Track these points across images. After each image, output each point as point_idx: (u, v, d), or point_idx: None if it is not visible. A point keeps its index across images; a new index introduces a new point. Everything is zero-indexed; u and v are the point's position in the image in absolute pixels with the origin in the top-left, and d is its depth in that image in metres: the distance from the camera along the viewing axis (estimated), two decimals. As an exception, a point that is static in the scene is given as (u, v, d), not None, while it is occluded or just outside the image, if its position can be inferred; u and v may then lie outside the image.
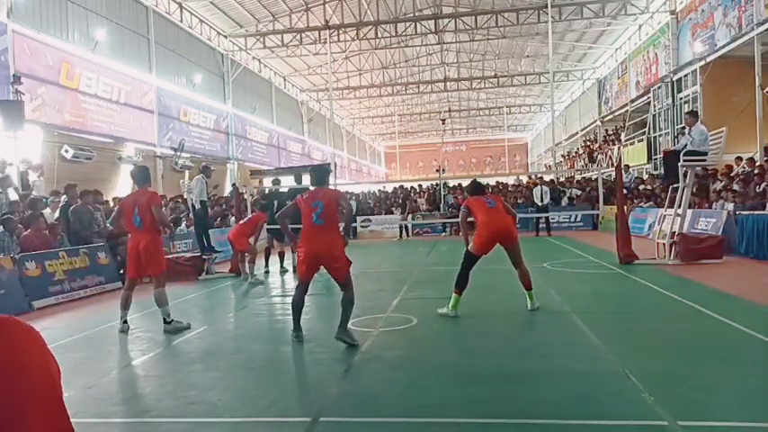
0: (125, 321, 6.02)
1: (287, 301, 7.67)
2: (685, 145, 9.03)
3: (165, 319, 5.93)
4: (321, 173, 5.48)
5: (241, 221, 10.05)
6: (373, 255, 13.14)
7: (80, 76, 15.80)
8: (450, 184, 22.71)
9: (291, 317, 5.23)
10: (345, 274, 5.06)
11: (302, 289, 5.23)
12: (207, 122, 23.85)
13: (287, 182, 13.15)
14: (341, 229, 5.33)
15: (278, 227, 10.88)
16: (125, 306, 6.04)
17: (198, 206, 10.45)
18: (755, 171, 12.15)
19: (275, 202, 11.11)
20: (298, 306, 5.20)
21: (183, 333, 5.79)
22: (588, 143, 32.94)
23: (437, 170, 30.72)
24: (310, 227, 5.04)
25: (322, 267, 5.22)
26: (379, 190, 24.53)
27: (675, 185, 9.46)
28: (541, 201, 17.08)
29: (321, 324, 6.18)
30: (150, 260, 5.95)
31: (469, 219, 6.30)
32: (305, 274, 5.15)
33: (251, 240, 9.80)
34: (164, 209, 15.12)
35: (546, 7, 22.58)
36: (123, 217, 6.14)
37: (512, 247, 6.09)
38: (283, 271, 10.87)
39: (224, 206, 17.33)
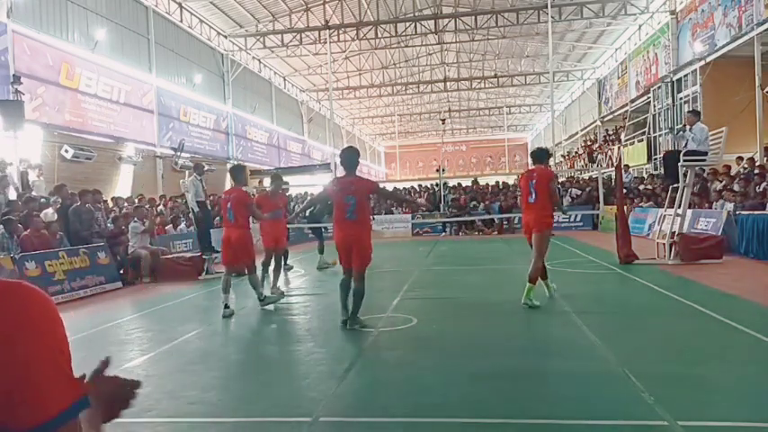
0: (227, 306, 6.53)
1: (287, 301, 7.68)
2: (686, 142, 9.02)
3: (258, 298, 6.78)
4: (350, 157, 5.57)
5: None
6: (373, 254, 13.11)
7: (80, 76, 15.80)
8: (450, 184, 22.71)
9: (339, 299, 5.64)
10: (361, 268, 5.50)
11: (348, 273, 5.61)
12: (207, 122, 23.85)
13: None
14: (402, 205, 5.87)
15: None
16: (226, 289, 6.60)
17: (196, 208, 10.41)
18: (756, 171, 12.16)
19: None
20: (345, 287, 5.61)
21: (185, 333, 5.78)
22: (588, 143, 32.94)
23: (437, 170, 30.71)
24: (343, 220, 5.46)
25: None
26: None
27: (675, 185, 9.46)
28: None
29: (321, 324, 6.19)
30: (240, 250, 6.62)
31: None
32: (344, 261, 5.60)
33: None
34: (165, 208, 15.15)
35: (546, 7, 22.56)
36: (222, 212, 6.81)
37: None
38: (288, 268, 10.76)
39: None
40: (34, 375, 0.72)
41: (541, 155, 6.66)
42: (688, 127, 9.14)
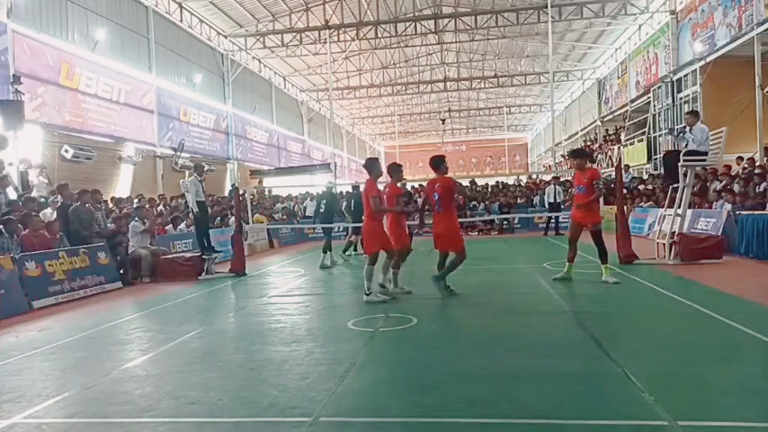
0: (367, 292, 7.00)
1: (287, 301, 7.69)
2: (687, 143, 9.02)
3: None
4: (437, 162, 7.08)
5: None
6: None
7: (80, 76, 15.80)
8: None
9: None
10: (458, 249, 6.91)
11: (443, 256, 7.07)
12: (207, 122, 23.85)
13: (287, 181, 13.34)
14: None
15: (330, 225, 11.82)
16: (367, 278, 7.00)
17: (196, 209, 10.41)
18: (756, 171, 12.15)
19: (323, 202, 11.82)
20: (440, 264, 7.07)
21: (185, 333, 5.78)
22: (588, 143, 32.94)
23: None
24: (435, 213, 6.93)
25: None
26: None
27: (675, 185, 9.46)
28: (554, 200, 16.87)
29: (321, 324, 6.19)
30: (368, 240, 7.11)
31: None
32: (438, 246, 7.02)
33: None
34: (165, 208, 15.14)
35: (546, 7, 22.58)
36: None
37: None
38: (347, 257, 12.23)
39: (224, 207, 17.33)
40: None
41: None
42: (688, 128, 9.14)
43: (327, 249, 11.21)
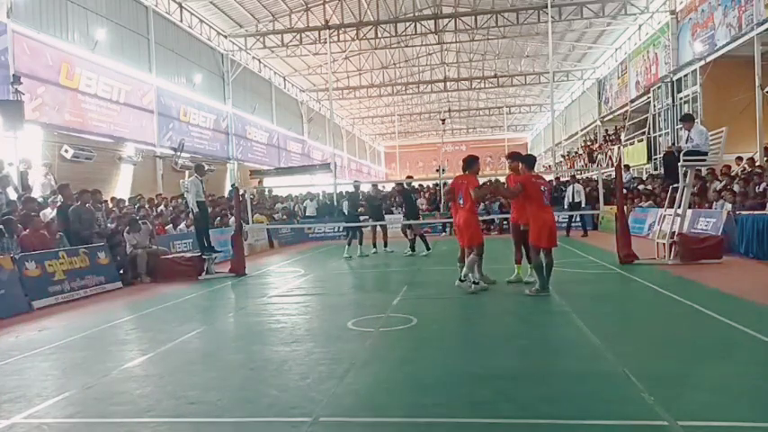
0: (475, 282, 7.22)
1: (287, 301, 7.69)
2: (685, 146, 9.02)
3: (460, 278, 7.43)
4: (531, 159, 7.56)
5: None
6: (373, 254, 13.13)
7: (80, 76, 15.80)
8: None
9: (538, 277, 6.88)
10: (556, 243, 7.03)
11: (543, 253, 6.92)
12: (207, 122, 23.84)
13: (287, 181, 13.62)
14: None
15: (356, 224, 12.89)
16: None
17: (195, 209, 10.41)
18: (756, 171, 12.14)
19: (346, 203, 12.68)
20: (539, 267, 6.85)
21: (185, 333, 5.78)
22: (588, 143, 32.93)
23: (437, 170, 30.70)
24: (543, 206, 6.89)
25: None
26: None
27: (675, 185, 9.46)
28: (573, 199, 16.81)
29: (321, 324, 6.19)
30: (465, 232, 7.25)
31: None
32: (546, 241, 6.88)
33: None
34: (165, 209, 15.14)
35: (546, 7, 22.57)
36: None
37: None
38: (389, 252, 13.18)
39: (223, 207, 17.32)
40: None
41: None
42: (686, 133, 9.15)
43: (360, 243, 12.72)
